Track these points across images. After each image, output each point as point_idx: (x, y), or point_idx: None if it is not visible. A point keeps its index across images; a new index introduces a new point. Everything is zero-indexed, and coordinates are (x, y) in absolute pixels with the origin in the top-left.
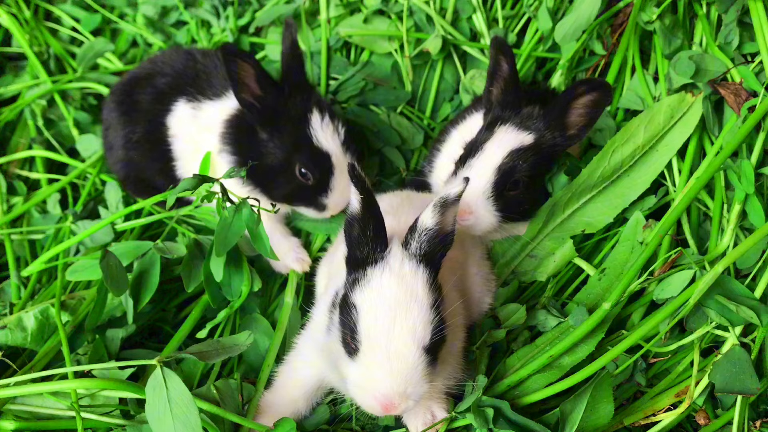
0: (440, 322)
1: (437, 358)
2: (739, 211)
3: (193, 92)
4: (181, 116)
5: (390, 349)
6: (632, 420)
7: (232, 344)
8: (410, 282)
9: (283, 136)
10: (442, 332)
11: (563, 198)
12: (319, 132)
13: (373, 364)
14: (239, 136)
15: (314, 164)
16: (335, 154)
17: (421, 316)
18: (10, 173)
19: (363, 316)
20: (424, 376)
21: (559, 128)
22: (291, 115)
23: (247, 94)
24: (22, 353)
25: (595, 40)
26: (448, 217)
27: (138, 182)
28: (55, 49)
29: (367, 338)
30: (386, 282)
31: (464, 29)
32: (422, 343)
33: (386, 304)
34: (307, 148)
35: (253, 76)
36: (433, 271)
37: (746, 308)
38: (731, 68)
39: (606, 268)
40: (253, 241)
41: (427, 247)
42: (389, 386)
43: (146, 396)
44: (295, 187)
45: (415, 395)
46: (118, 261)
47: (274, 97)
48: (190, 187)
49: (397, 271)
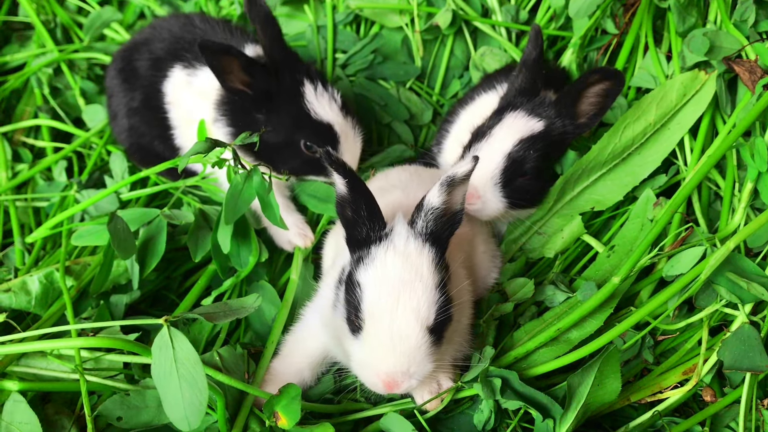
0: (446, 301)
1: (443, 337)
2: (750, 190)
3: (189, 58)
4: (176, 82)
5: (393, 329)
6: (639, 397)
7: (239, 306)
8: (415, 261)
9: (280, 115)
10: (448, 312)
11: (573, 175)
12: (316, 104)
13: (376, 343)
14: (235, 108)
15: (318, 137)
16: (336, 122)
17: (426, 295)
18: (16, 140)
19: (367, 295)
20: (427, 355)
21: (569, 116)
22: (284, 92)
23: (236, 83)
24: (26, 317)
25: (607, 18)
26: (457, 196)
27: (143, 151)
28: (62, 18)
29: (370, 317)
30: (390, 261)
31: (476, 5)
32: (426, 323)
33: (390, 283)
34: (308, 124)
35: (238, 66)
36: (439, 250)
37: (757, 285)
38: (746, 45)
39: (615, 245)
40: (263, 209)
41: (433, 226)
42: (392, 365)
43: (152, 356)
44: (303, 160)
45: (418, 375)
46: (126, 225)
47: (264, 79)
48: (203, 150)
49: (401, 249)
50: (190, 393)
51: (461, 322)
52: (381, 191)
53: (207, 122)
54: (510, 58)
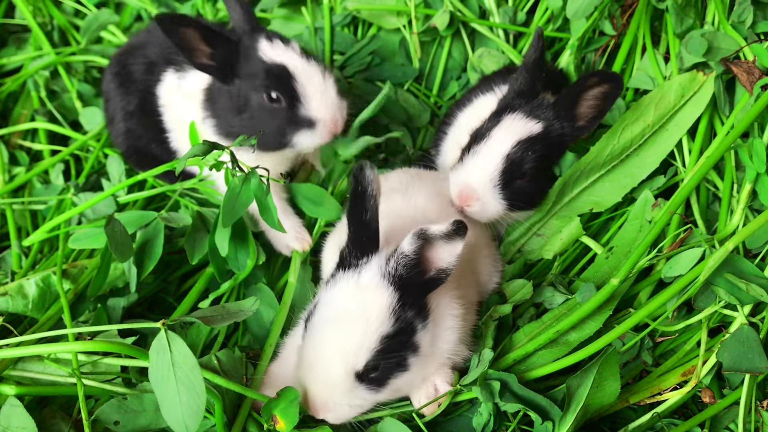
0: (392, 351)
1: (385, 383)
2: (749, 191)
3: (180, 62)
4: (168, 86)
5: (320, 357)
6: (638, 398)
7: (237, 309)
8: (367, 299)
9: (242, 78)
10: (392, 362)
11: (572, 177)
12: (268, 51)
13: (306, 366)
14: (216, 101)
15: (272, 81)
16: (291, 63)
17: (360, 338)
18: (13, 143)
19: (316, 314)
20: (350, 396)
21: (568, 118)
22: (243, 54)
23: (201, 57)
24: (23, 320)
25: (605, 19)
26: (441, 253)
27: (140, 154)
28: (58, 20)
29: (309, 336)
30: (346, 290)
31: (473, 6)
32: (352, 367)
33: (336, 311)
34: (261, 70)
35: (199, 38)
36: (406, 298)
37: (756, 287)
38: (744, 47)
39: (614, 246)
40: (261, 212)
41: (402, 273)
42: (313, 392)
43: (150, 359)
44: (275, 117)
45: (336, 412)
46: (123, 227)
47: (224, 48)
48: (200, 153)
49: (361, 283)
50: (188, 397)
51: (463, 325)
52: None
53: (197, 123)
54: (508, 60)
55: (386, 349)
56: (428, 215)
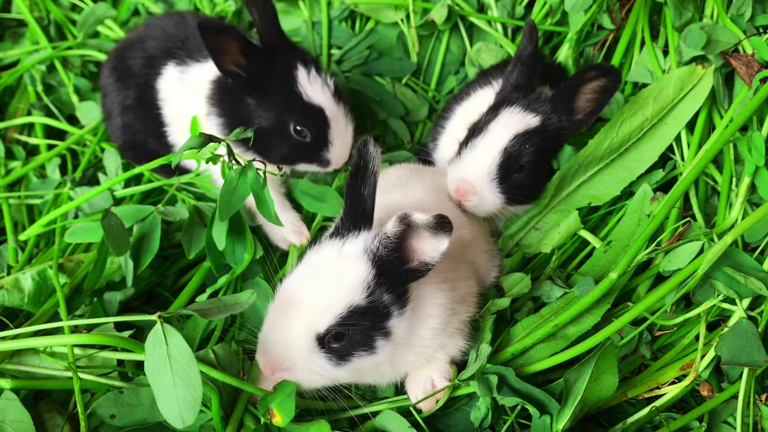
0: (354, 324)
1: (345, 359)
2: (748, 185)
3: (182, 55)
4: (170, 80)
5: (286, 315)
6: (636, 392)
7: (234, 302)
8: (344, 268)
9: (271, 97)
10: (357, 337)
11: (570, 171)
12: (308, 87)
13: (270, 323)
14: (226, 98)
15: (308, 120)
16: (328, 107)
17: (328, 302)
18: (9, 138)
19: (294, 272)
20: (305, 360)
21: (566, 112)
22: (277, 76)
23: (231, 64)
24: (19, 314)
25: (603, 13)
26: (425, 245)
27: (136, 148)
28: (55, 15)
29: (280, 293)
30: (328, 255)
31: (471, 0)
32: (314, 329)
33: (311, 273)
34: (299, 106)
35: (236, 47)
36: (381, 278)
37: (755, 280)
38: (743, 39)
39: (612, 240)
40: (258, 205)
41: (383, 253)
42: (273, 350)
43: (146, 352)
44: (293, 146)
45: (292, 372)
46: (120, 221)
47: (259, 62)
48: (196, 145)
49: (344, 252)
50: (184, 390)
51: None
52: (380, 190)
53: (200, 117)
54: (506, 54)
55: (352, 321)
56: (426, 209)
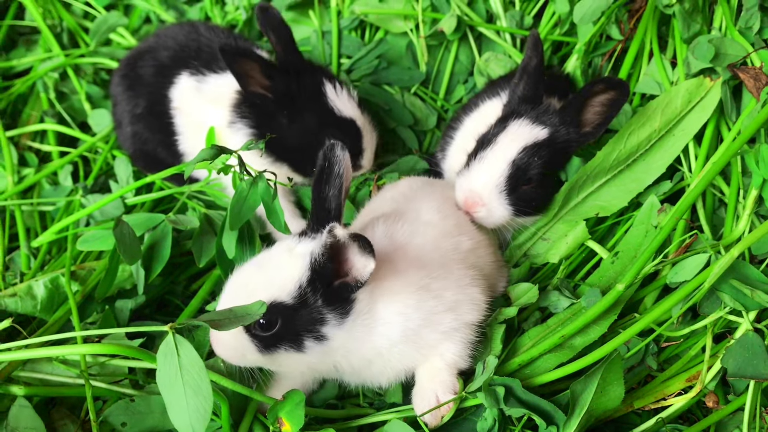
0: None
1: (272, 350)
2: (755, 197)
3: (196, 65)
4: (183, 89)
5: (222, 294)
6: (642, 404)
7: (244, 313)
8: (285, 262)
9: (304, 115)
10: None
11: (578, 181)
12: (337, 101)
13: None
14: (257, 109)
15: (344, 133)
16: (358, 117)
17: (253, 289)
18: (22, 145)
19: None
20: (230, 336)
21: (574, 125)
22: (305, 93)
23: (256, 86)
24: (32, 322)
25: (612, 24)
26: (355, 260)
27: (147, 157)
28: (68, 22)
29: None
30: (278, 248)
31: (480, 10)
32: None
33: (257, 260)
34: (333, 121)
35: (258, 70)
36: (316, 283)
37: (761, 293)
38: (751, 53)
39: (619, 251)
40: (268, 215)
41: (320, 260)
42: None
43: (157, 363)
44: None
45: (218, 348)
46: (131, 229)
47: (283, 82)
48: (209, 157)
49: (293, 249)
50: (195, 400)
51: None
52: (389, 201)
53: (219, 127)
54: (515, 64)
55: (273, 315)
56: (434, 221)
